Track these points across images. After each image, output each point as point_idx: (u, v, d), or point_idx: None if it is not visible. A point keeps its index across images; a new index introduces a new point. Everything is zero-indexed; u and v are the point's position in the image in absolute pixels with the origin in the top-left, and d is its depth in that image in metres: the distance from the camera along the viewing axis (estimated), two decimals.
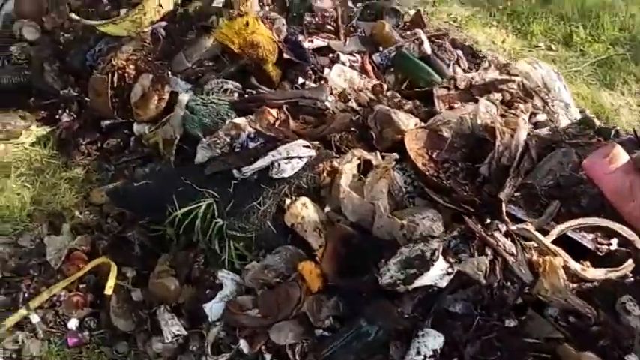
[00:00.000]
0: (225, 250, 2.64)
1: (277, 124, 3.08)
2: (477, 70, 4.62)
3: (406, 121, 2.99)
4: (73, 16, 3.94)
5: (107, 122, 3.79)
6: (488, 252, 2.14)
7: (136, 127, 3.69)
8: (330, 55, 4.05)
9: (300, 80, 3.62)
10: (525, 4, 6.34)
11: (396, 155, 2.73)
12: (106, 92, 3.53)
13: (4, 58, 4.25)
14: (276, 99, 3.17)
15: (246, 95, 3.36)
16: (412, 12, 5.93)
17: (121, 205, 3.04)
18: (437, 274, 2.10)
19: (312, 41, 4.13)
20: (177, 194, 2.75)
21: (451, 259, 2.13)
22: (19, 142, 3.71)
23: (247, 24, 3.49)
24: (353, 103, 3.19)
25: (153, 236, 2.97)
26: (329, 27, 4.38)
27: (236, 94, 3.40)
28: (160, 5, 3.92)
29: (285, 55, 3.61)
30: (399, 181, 2.75)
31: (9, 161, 3.52)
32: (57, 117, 3.95)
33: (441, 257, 2.10)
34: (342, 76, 3.76)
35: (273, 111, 3.16)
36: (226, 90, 3.37)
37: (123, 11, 4.20)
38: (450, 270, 2.10)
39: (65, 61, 4.19)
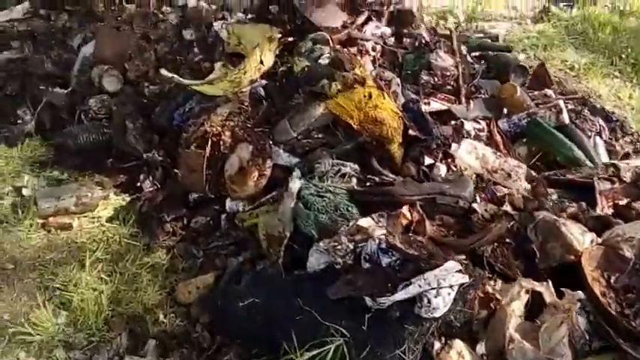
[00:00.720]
0: None
1: (412, 227, 2.46)
2: (616, 140, 3.96)
3: (580, 236, 2.35)
4: (164, 73, 3.43)
5: (195, 195, 3.25)
6: None
7: (228, 204, 3.16)
8: (453, 123, 3.44)
9: (427, 160, 3.02)
10: None
11: (580, 294, 2.11)
12: (200, 169, 3.02)
13: (80, 111, 3.77)
14: (409, 195, 2.56)
15: (368, 183, 2.76)
16: (522, 56, 5.37)
17: (217, 322, 2.48)
18: None
19: (428, 103, 3.55)
20: (294, 324, 2.16)
21: None
22: (95, 216, 3.19)
23: (370, 96, 2.90)
24: (507, 207, 2.54)
25: None
26: (447, 87, 3.75)
27: (354, 180, 2.80)
28: (262, 62, 3.38)
29: (410, 132, 3.01)
30: (582, 326, 2.10)
31: (83, 241, 3.00)
32: (138, 184, 3.42)
33: None
34: (472, 153, 3.16)
35: (405, 209, 2.54)
36: (344, 175, 2.78)
37: (217, 65, 3.69)
38: None
39: (149, 118, 3.69)
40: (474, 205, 2.54)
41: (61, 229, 3.09)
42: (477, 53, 4.37)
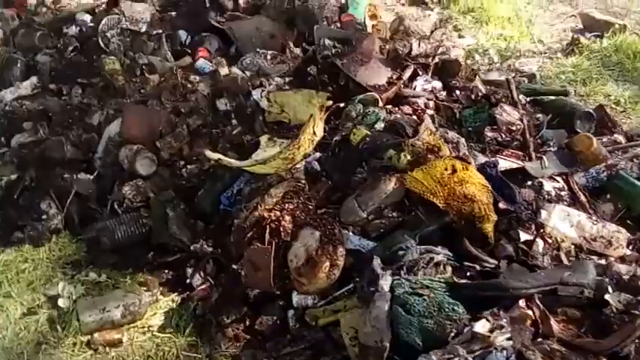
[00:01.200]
0: None
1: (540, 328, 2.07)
2: None
3: None
4: (210, 154, 3.08)
5: (255, 291, 2.86)
6: None
7: (296, 299, 2.79)
8: (529, 183, 3.08)
9: (522, 236, 2.64)
10: None
11: None
12: (268, 267, 2.65)
13: (113, 201, 3.38)
14: (525, 287, 2.17)
15: (469, 273, 2.38)
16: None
17: None
18: None
19: (497, 161, 3.19)
20: None
21: None
22: (145, 325, 2.80)
23: (453, 169, 2.55)
24: None
25: None
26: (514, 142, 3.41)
27: (449, 268, 2.43)
28: (314, 133, 3.03)
29: (500, 205, 2.65)
30: None
31: (137, 359, 2.58)
32: (187, 280, 3.02)
33: None
34: (566, 220, 2.81)
35: (523, 304, 2.16)
36: (438, 264, 2.39)
37: (263, 139, 3.36)
38: None
39: (191, 202, 3.31)
40: (607, 297, 2.16)
41: (110, 346, 2.69)
42: (528, 98, 4.04)
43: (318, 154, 3.15)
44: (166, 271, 3.15)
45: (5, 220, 3.42)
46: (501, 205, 2.67)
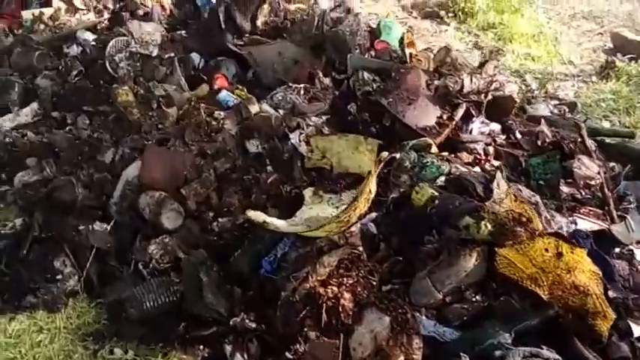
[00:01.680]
0: None
1: None
2: None
3: None
4: (253, 214, 2.67)
5: None
6: None
7: None
8: (617, 250, 2.71)
9: (635, 330, 2.27)
10: None
11: None
12: None
13: (135, 262, 2.95)
14: None
15: None
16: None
17: None
18: None
19: (574, 222, 2.82)
20: None
21: None
22: None
23: (559, 253, 2.15)
24: None
25: None
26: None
27: None
28: (370, 191, 2.64)
29: (610, 294, 2.26)
30: None
31: None
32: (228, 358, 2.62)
33: None
34: None
35: None
36: None
37: (307, 193, 2.97)
38: None
39: (224, 262, 2.90)
40: None
41: None
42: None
43: (373, 214, 2.76)
44: (201, 347, 2.72)
45: (15, 281, 2.96)
46: (612, 294, 2.27)
